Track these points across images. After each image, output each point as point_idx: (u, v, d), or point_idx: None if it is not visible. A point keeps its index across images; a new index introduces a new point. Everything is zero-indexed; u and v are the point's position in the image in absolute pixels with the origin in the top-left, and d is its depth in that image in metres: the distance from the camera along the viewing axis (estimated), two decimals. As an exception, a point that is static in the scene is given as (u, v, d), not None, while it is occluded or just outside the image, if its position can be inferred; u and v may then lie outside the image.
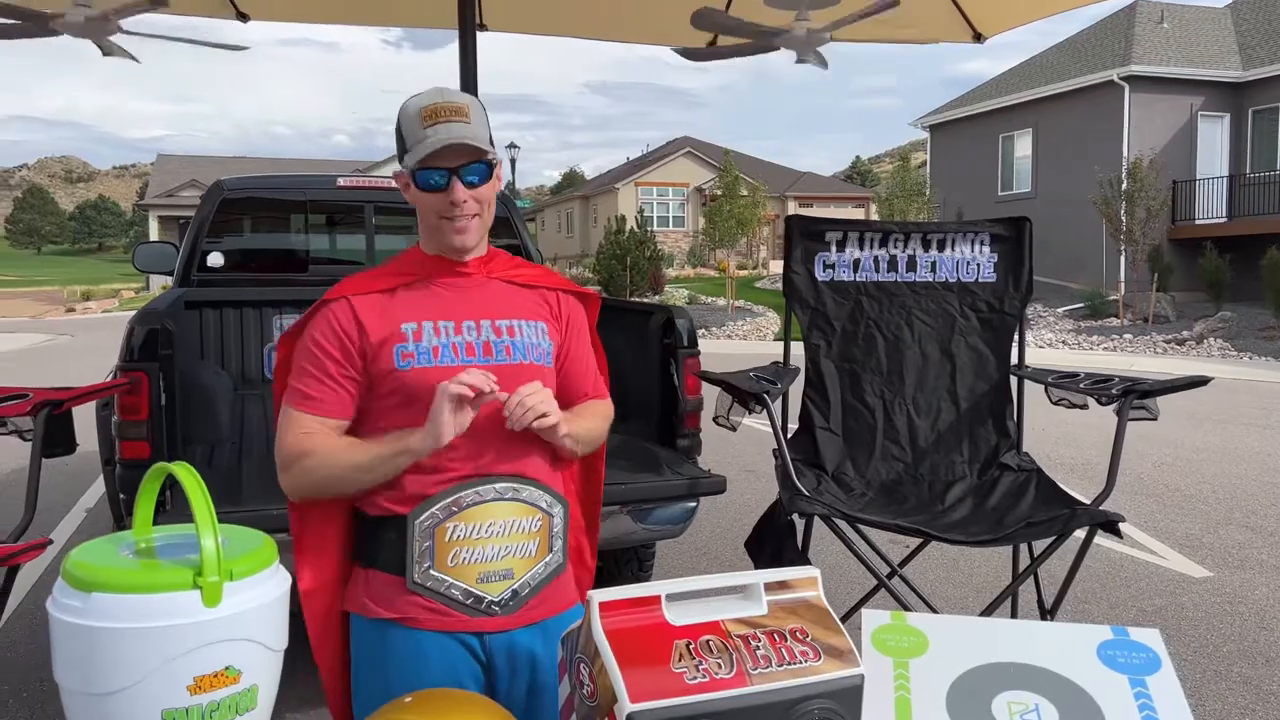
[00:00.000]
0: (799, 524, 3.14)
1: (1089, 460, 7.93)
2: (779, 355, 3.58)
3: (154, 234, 43.12)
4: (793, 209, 38.64)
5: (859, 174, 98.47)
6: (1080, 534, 2.90)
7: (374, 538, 1.71)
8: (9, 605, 2.99)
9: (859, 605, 3.61)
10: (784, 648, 1.24)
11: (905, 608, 2.91)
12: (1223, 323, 17.63)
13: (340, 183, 5.60)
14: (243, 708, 1.26)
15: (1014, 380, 3.58)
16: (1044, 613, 3.30)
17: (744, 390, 3.08)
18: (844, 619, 1.38)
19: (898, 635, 1.42)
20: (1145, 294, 19.46)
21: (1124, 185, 19.62)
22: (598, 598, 1.23)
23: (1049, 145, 23.77)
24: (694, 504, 3.67)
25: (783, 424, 3.23)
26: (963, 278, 3.58)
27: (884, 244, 3.55)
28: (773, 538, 3.09)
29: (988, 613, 2.90)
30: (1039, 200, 23.33)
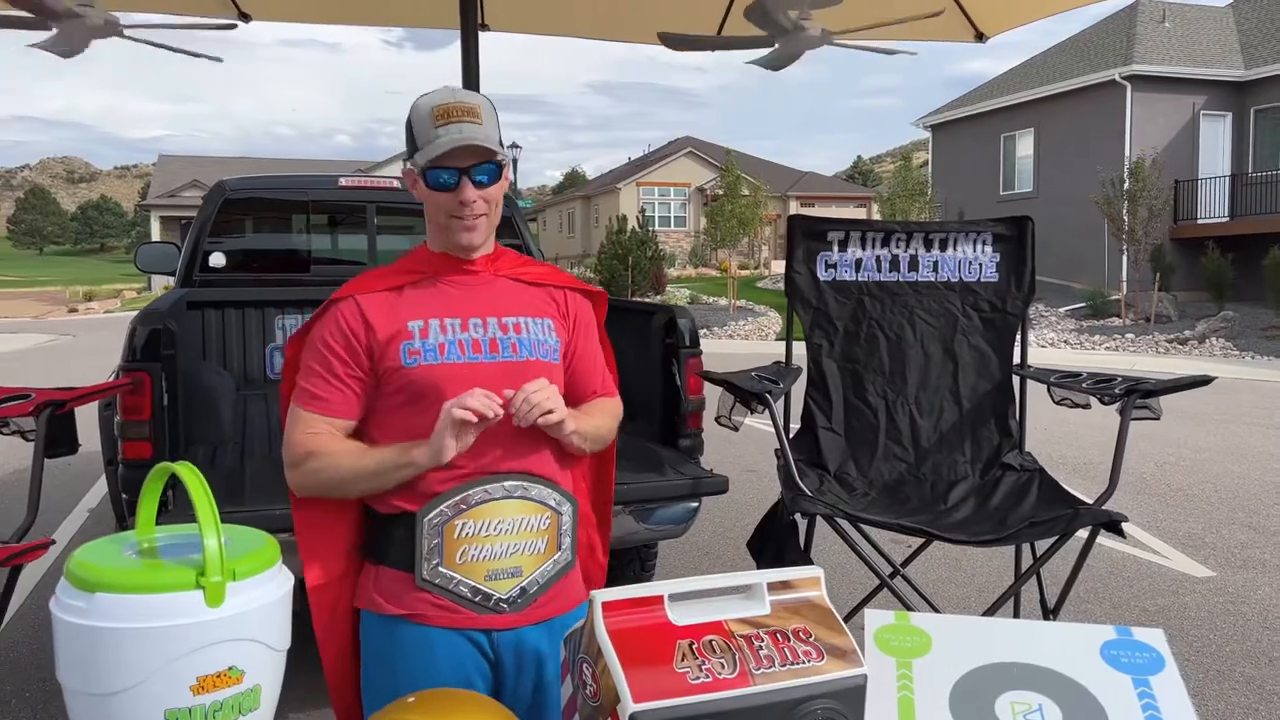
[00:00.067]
0: (801, 524, 3.14)
1: (1091, 460, 7.93)
2: (781, 355, 3.58)
3: (156, 234, 43.16)
4: (794, 209, 38.64)
5: (861, 174, 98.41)
6: (1083, 534, 2.90)
7: (383, 534, 1.72)
8: (11, 606, 3.00)
9: (861, 605, 3.61)
10: (787, 648, 1.24)
11: (908, 607, 2.91)
12: (1225, 322, 17.61)
13: (342, 183, 5.60)
14: (246, 708, 1.27)
15: (1016, 380, 3.58)
16: (1046, 612, 3.30)
17: (746, 390, 3.08)
18: (846, 619, 1.38)
19: (900, 635, 1.42)
20: (1147, 293, 19.44)
21: (1126, 185, 19.60)
22: (600, 598, 1.23)
23: (1051, 145, 23.75)
24: (696, 504, 3.67)
25: (785, 424, 3.23)
26: (965, 277, 3.58)
27: (886, 243, 3.55)
28: (775, 538, 3.09)
29: (990, 612, 2.90)
30: (1041, 200, 23.31)
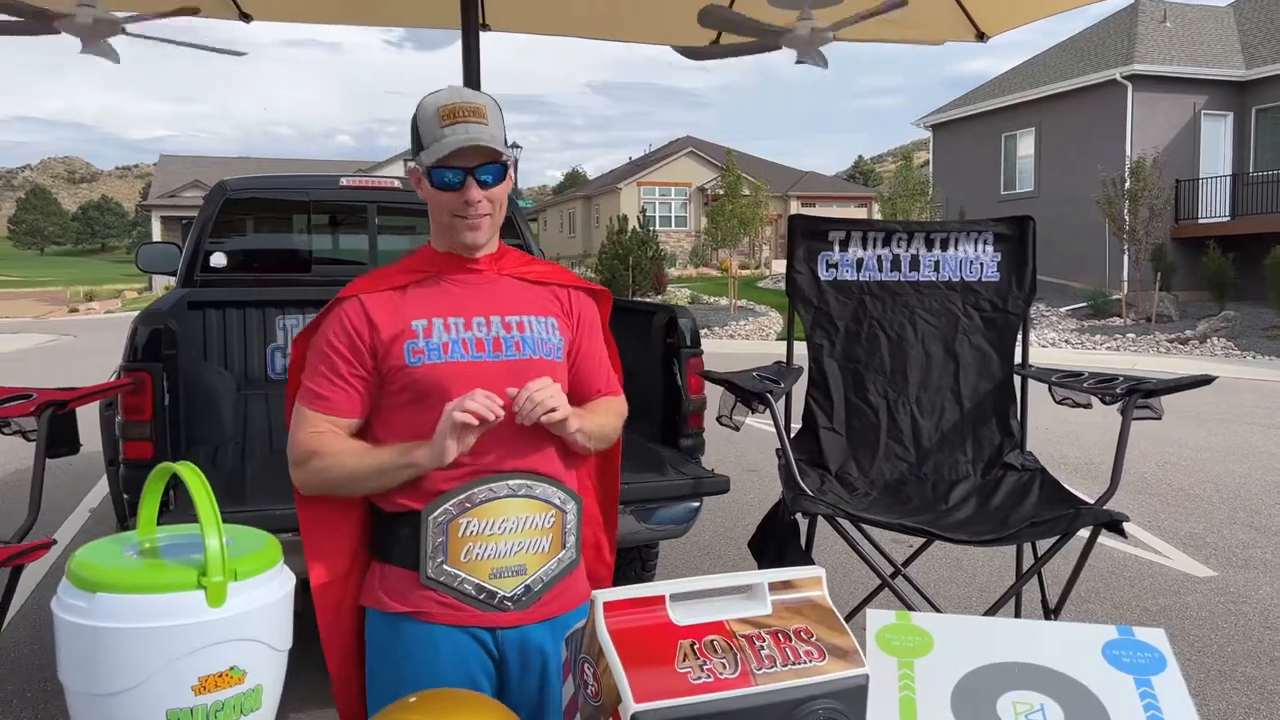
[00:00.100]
0: (802, 524, 3.14)
1: (1092, 460, 7.92)
2: (782, 355, 3.57)
3: (157, 234, 43.19)
4: (795, 209, 38.62)
5: (861, 173, 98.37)
6: (1084, 533, 2.90)
7: (389, 533, 1.73)
8: (13, 606, 3.00)
9: (863, 605, 3.60)
10: (788, 648, 1.24)
11: (909, 607, 2.90)
12: (1226, 322, 17.60)
13: (343, 183, 5.60)
14: (247, 708, 1.26)
15: (1017, 380, 3.58)
16: (1048, 612, 3.30)
17: (747, 390, 3.08)
18: (848, 619, 1.38)
19: (902, 635, 1.41)
20: (1148, 293, 19.43)
21: (1127, 184, 19.59)
22: (602, 597, 1.23)
23: (1052, 144, 23.74)
24: (697, 504, 3.66)
25: (786, 424, 3.23)
26: (966, 277, 3.58)
27: (887, 243, 3.55)
28: (776, 537, 3.09)
29: (992, 612, 2.89)
30: (1042, 199, 23.30)
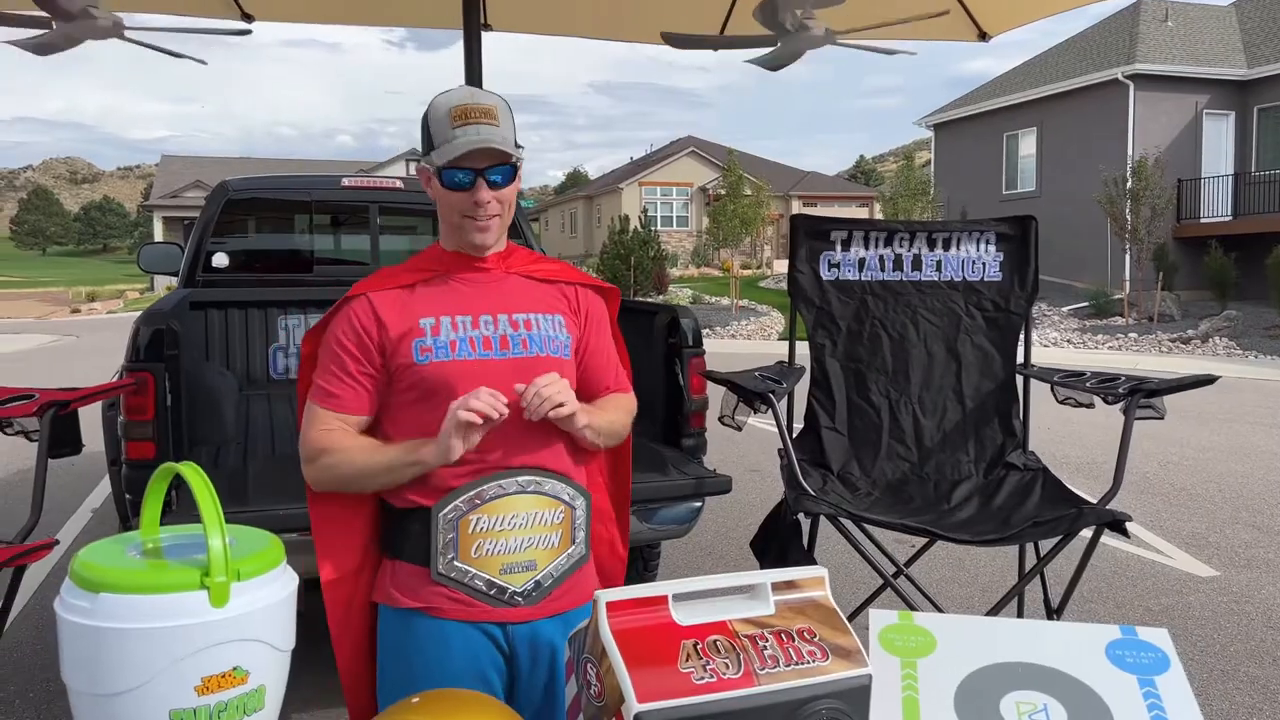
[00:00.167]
0: (804, 524, 3.14)
1: (1095, 460, 7.92)
2: (784, 355, 3.57)
3: (158, 235, 43.22)
4: (796, 208, 38.62)
5: (863, 173, 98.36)
6: (1086, 533, 2.90)
7: (399, 529, 1.74)
8: (15, 606, 3.00)
9: (865, 605, 3.60)
10: (791, 648, 1.24)
11: (911, 607, 2.90)
12: (1228, 321, 17.59)
13: (345, 183, 5.60)
14: (250, 708, 1.26)
15: (1020, 379, 3.58)
16: (1050, 612, 3.30)
17: (749, 390, 3.08)
18: (850, 619, 1.38)
19: (905, 635, 1.41)
20: (1150, 293, 19.42)
21: (1129, 184, 19.58)
22: (605, 597, 1.23)
23: (1053, 144, 23.72)
24: (699, 504, 3.66)
25: (788, 423, 3.23)
26: (968, 277, 3.58)
27: (889, 243, 3.55)
28: (778, 537, 3.09)
29: (994, 612, 2.89)
30: (1043, 199, 23.29)
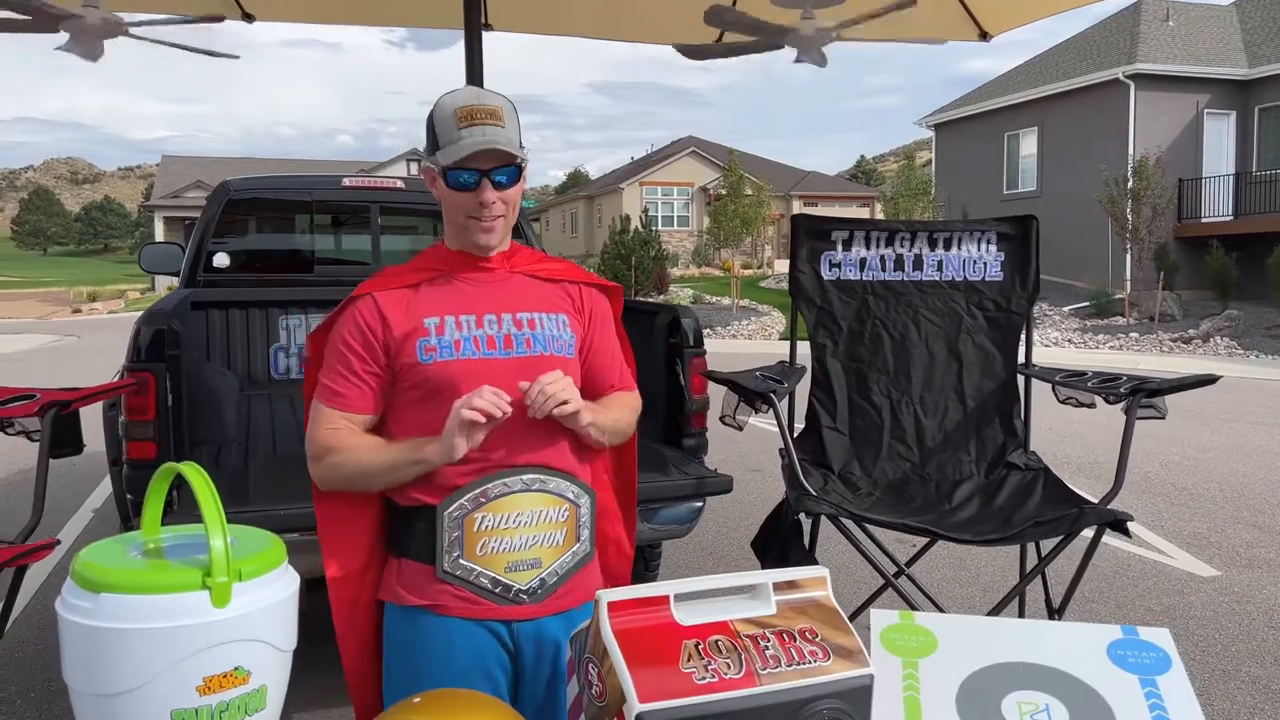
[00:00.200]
0: (806, 523, 3.14)
1: (1096, 459, 7.91)
2: (785, 355, 3.57)
3: (159, 235, 43.23)
4: (797, 208, 38.61)
5: (864, 173, 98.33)
6: (1088, 533, 2.90)
7: (405, 527, 1.75)
8: (16, 606, 3.00)
9: (866, 605, 3.60)
10: (793, 648, 1.24)
11: (912, 607, 2.90)
12: (1229, 321, 17.58)
13: (345, 183, 5.60)
14: (252, 708, 1.26)
15: (1021, 379, 3.58)
16: (1051, 612, 3.29)
17: (750, 390, 3.08)
18: (851, 619, 1.38)
19: (906, 635, 1.41)
20: (1151, 292, 19.42)
21: (1130, 183, 19.57)
22: (606, 597, 1.23)
23: (1054, 144, 23.71)
24: (700, 504, 3.66)
25: (789, 423, 3.23)
26: (969, 276, 3.58)
27: (890, 243, 3.55)
28: (779, 537, 3.09)
29: (995, 612, 2.89)
30: (1044, 199, 23.28)
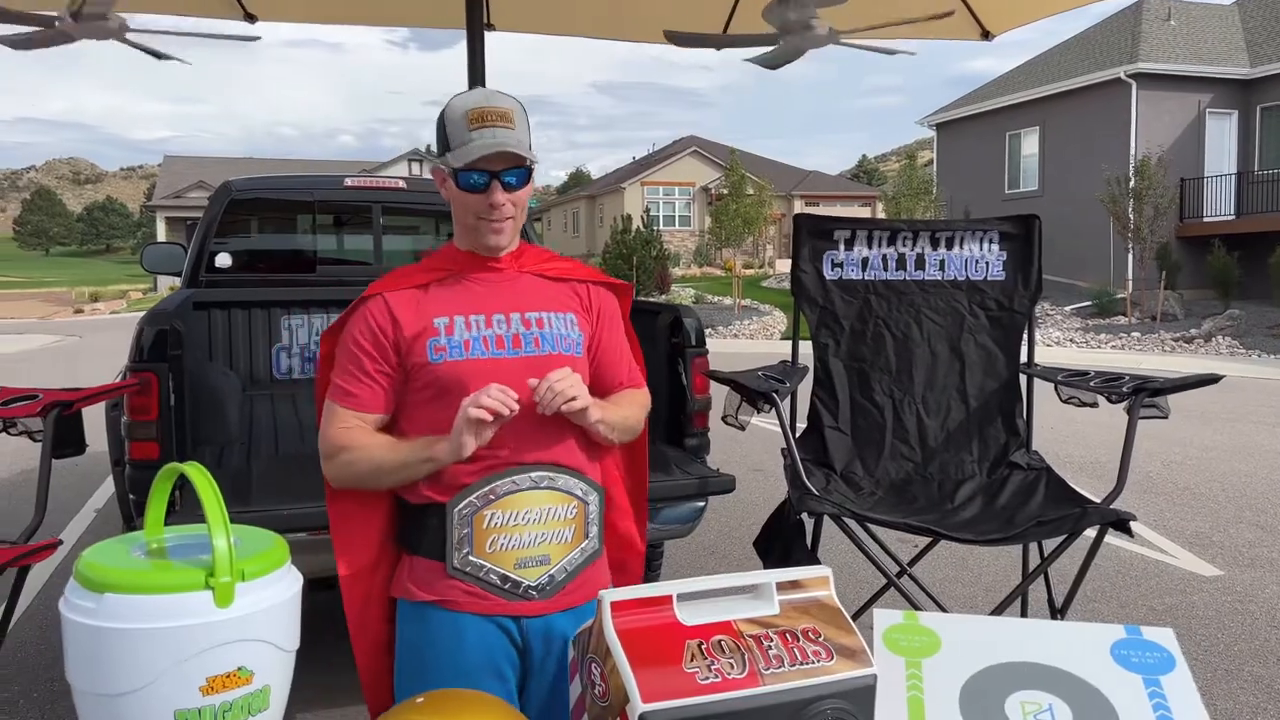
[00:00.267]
0: (808, 523, 3.14)
1: (1098, 459, 7.91)
2: (787, 354, 3.57)
3: (161, 235, 43.25)
4: (799, 208, 38.59)
5: (865, 173, 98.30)
6: (1090, 533, 2.90)
7: (416, 524, 1.77)
8: (19, 606, 3.00)
9: (868, 604, 3.60)
10: (796, 647, 1.24)
11: (915, 607, 2.90)
12: (1231, 320, 17.57)
13: (347, 183, 5.60)
14: (255, 708, 1.27)
15: (1023, 379, 3.57)
16: (1054, 612, 3.29)
17: (752, 389, 3.08)
18: (854, 618, 1.38)
19: (910, 635, 1.41)
20: (1153, 292, 19.40)
21: (1131, 183, 19.56)
22: (609, 597, 1.23)
23: (1056, 143, 23.69)
24: (702, 503, 3.66)
25: (791, 423, 3.23)
26: (972, 276, 3.57)
27: (892, 242, 3.54)
28: (782, 537, 3.08)
29: (998, 612, 2.89)
30: (1046, 198, 23.26)
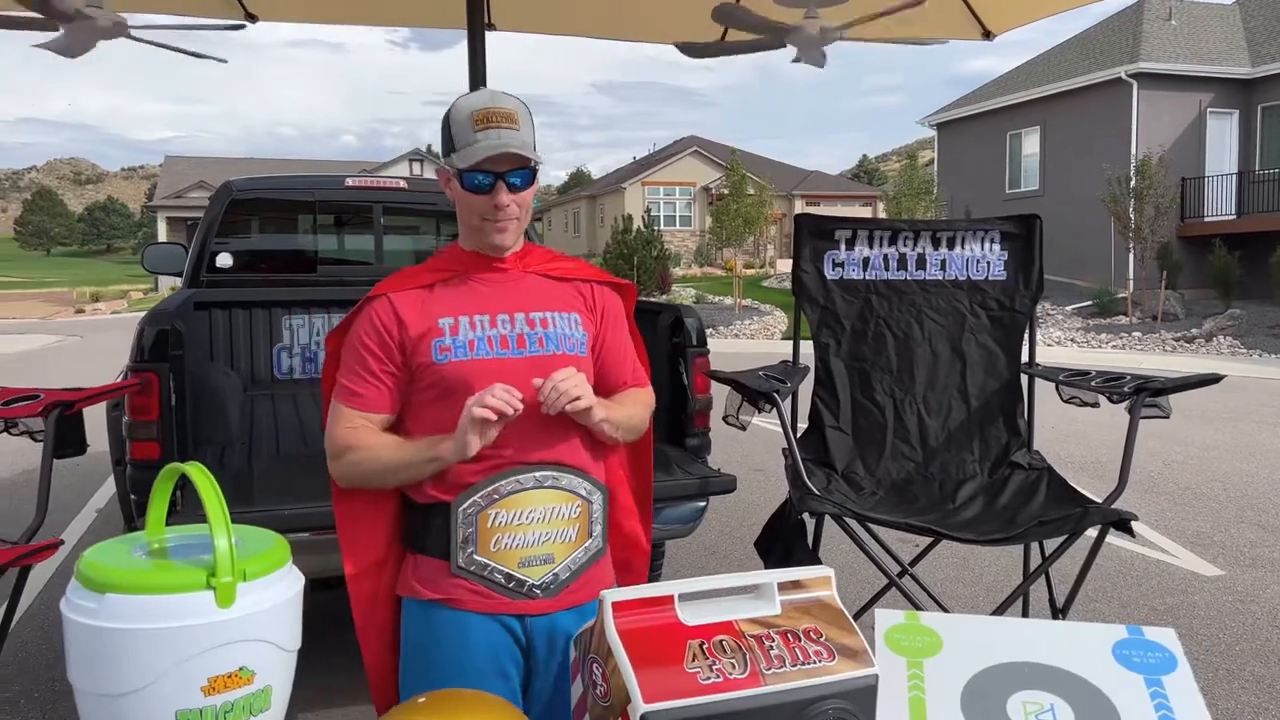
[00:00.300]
0: (809, 523, 3.13)
1: (1099, 459, 7.91)
2: (787, 354, 3.57)
3: (162, 235, 43.27)
4: (800, 208, 38.58)
5: (866, 173, 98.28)
6: (1092, 533, 2.89)
7: (421, 524, 1.78)
8: (20, 606, 3.00)
9: (870, 604, 3.60)
10: (798, 648, 1.24)
11: (916, 607, 2.90)
12: (1232, 320, 17.56)
13: (348, 183, 5.60)
14: (257, 708, 1.27)
15: (1024, 378, 3.57)
16: (1055, 612, 3.29)
17: (753, 389, 3.07)
18: (855, 618, 1.38)
19: (911, 635, 1.41)
20: (1154, 291, 19.40)
21: (1132, 183, 19.56)
22: (610, 597, 1.23)
23: (1057, 143, 23.69)
24: (703, 503, 3.66)
25: (792, 423, 3.22)
26: (973, 276, 3.57)
27: (893, 242, 3.54)
28: (783, 537, 3.08)
29: (999, 612, 2.89)
30: (1047, 198, 23.26)
